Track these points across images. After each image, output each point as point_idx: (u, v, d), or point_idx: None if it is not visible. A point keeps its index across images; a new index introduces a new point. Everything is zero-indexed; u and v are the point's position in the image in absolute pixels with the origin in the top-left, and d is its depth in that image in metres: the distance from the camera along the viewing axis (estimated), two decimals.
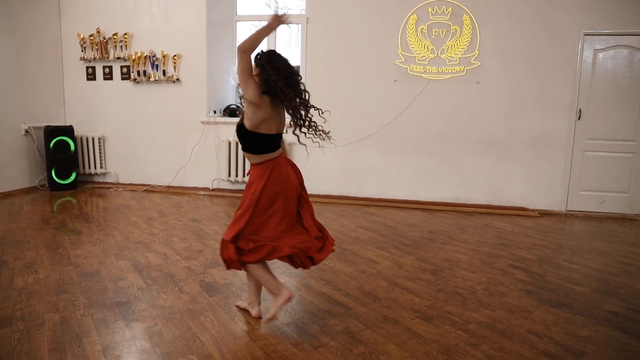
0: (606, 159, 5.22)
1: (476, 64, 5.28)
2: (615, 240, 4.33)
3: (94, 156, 6.27)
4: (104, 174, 6.37)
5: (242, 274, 3.12)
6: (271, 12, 6.37)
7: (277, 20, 2.23)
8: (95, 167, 6.30)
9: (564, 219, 5.17)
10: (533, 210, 5.32)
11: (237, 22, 6.19)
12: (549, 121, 5.26)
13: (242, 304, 2.58)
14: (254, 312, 2.48)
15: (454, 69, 5.33)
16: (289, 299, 2.31)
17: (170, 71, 5.97)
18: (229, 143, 5.86)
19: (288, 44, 10.32)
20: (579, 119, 5.21)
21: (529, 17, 5.16)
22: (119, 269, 3.16)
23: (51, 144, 5.82)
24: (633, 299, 2.90)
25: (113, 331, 2.27)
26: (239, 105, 6.06)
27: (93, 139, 6.23)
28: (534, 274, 3.29)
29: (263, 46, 2.36)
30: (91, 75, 6.21)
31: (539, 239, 4.25)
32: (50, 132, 5.83)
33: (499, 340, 2.30)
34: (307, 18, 5.74)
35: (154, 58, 5.95)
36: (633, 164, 5.17)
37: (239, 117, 5.89)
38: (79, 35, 6.07)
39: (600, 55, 5.12)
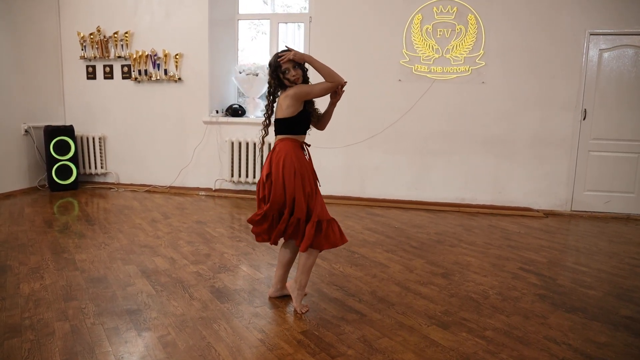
0: (611, 159, 5.21)
1: (481, 63, 5.24)
2: (622, 241, 4.32)
3: (95, 156, 6.20)
4: (104, 174, 6.30)
5: (251, 278, 3.09)
6: (268, 9, 6.29)
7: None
8: (95, 167, 6.22)
9: (569, 219, 5.16)
10: (538, 211, 5.30)
11: (239, 21, 6.12)
12: (553, 121, 5.24)
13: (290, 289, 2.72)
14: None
15: (459, 69, 5.29)
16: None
17: (171, 70, 5.90)
18: (232, 143, 5.80)
19: (285, 42, 10.26)
20: (584, 118, 5.19)
21: (535, 17, 5.12)
22: (126, 274, 3.11)
23: (51, 144, 5.74)
24: None
25: (125, 341, 2.23)
26: (240, 104, 6.01)
27: (93, 138, 6.16)
28: (545, 278, 3.26)
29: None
30: (91, 75, 6.13)
31: (546, 240, 4.24)
32: (50, 132, 5.75)
33: (517, 347, 2.27)
34: (310, 17, 5.69)
35: (155, 57, 5.87)
36: (638, 164, 5.16)
37: (241, 116, 5.87)
38: (78, 33, 5.99)
39: (606, 55, 5.10)
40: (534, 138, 5.29)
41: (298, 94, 2.48)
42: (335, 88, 2.53)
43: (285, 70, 2.49)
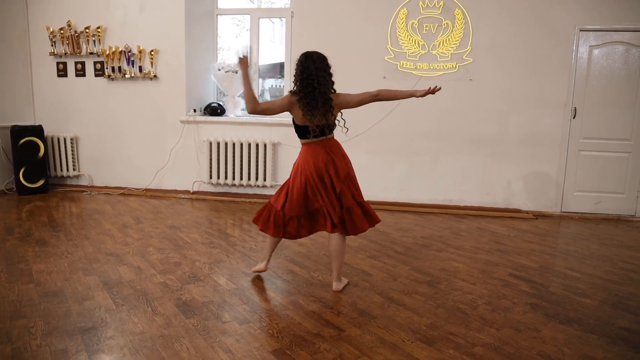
0: (602, 159, 5.06)
1: (469, 60, 5.06)
2: (614, 243, 4.16)
3: (66, 158, 5.88)
4: (76, 177, 5.99)
5: (222, 289, 2.86)
6: (248, 4, 6.06)
7: (242, 62, 2.73)
8: (67, 170, 5.91)
9: (559, 220, 5.01)
10: (527, 212, 5.14)
11: (218, 16, 5.87)
12: (543, 120, 5.08)
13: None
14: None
15: (446, 66, 5.11)
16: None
17: (147, 67, 5.62)
18: (210, 143, 5.55)
19: (271, 40, 9.96)
20: (574, 117, 5.03)
21: (523, 12, 4.95)
22: (86, 286, 2.85)
23: (19, 145, 5.43)
24: None
25: None
26: (219, 103, 5.76)
27: (65, 139, 5.85)
28: (536, 285, 3.08)
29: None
30: (62, 72, 5.82)
31: (536, 244, 4.06)
32: (18, 132, 5.44)
33: None
34: (292, 12, 5.46)
35: (129, 53, 5.59)
36: (629, 163, 5.02)
37: (220, 115, 5.62)
38: (48, 28, 5.68)
39: (596, 51, 4.95)
40: (523, 137, 5.12)
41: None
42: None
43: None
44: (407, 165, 5.36)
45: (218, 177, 5.60)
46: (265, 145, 5.46)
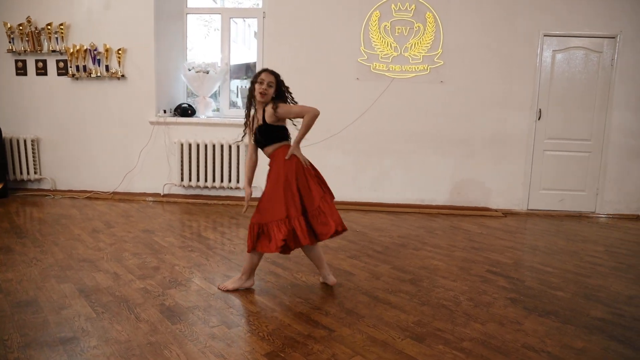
0: (564, 158, 5.30)
1: (439, 62, 5.19)
2: (578, 239, 4.36)
3: (26, 160, 5.59)
4: (38, 180, 5.71)
5: (206, 293, 2.80)
6: (223, 5, 5.98)
7: None
8: (28, 173, 5.63)
9: (526, 217, 5.21)
10: (496, 210, 5.31)
11: (188, 15, 5.75)
12: (510, 121, 5.27)
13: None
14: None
15: (418, 68, 5.21)
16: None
17: (114, 66, 5.43)
18: (181, 145, 5.42)
19: (234, 41, 9.82)
20: (539, 118, 5.25)
21: (492, 17, 5.13)
22: (61, 294, 2.72)
23: None
24: (614, 302, 2.86)
25: None
26: (190, 104, 5.64)
27: (25, 141, 5.56)
28: (513, 280, 3.19)
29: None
30: (21, 70, 5.54)
31: (508, 241, 4.21)
32: None
33: (497, 359, 2.13)
34: (264, 12, 5.42)
35: (95, 52, 5.39)
36: (589, 162, 5.29)
37: (191, 116, 5.51)
38: (5, 24, 5.38)
39: (559, 56, 5.19)
40: (491, 138, 5.30)
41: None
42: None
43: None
44: (379, 166, 5.43)
45: (189, 179, 5.48)
46: (238, 147, 5.39)
